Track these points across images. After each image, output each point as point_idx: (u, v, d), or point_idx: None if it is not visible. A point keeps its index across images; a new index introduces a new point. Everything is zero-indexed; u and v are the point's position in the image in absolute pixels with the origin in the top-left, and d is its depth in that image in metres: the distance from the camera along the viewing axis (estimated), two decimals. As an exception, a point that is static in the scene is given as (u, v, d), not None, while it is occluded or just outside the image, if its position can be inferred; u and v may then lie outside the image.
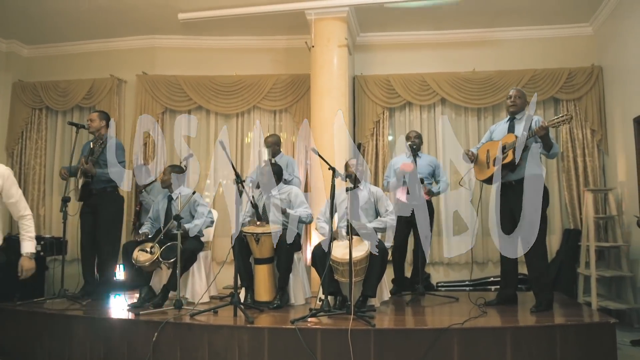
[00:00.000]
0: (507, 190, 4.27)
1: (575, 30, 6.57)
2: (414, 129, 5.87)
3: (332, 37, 6.03)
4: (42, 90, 7.19)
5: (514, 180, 4.17)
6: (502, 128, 4.38)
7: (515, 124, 4.28)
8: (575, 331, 3.45)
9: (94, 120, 5.09)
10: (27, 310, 4.33)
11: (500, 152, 4.17)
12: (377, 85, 6.67)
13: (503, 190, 4.33)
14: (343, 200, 4.60)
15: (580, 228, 6.06)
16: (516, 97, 4.31)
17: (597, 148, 6.26)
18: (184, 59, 7.13)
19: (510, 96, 4.34)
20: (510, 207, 4.23)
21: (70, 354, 3.98)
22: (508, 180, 4.22)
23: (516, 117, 4.32)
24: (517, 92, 4.35)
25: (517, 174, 4.14)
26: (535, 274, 4.18)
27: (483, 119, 6.58)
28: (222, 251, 6.36)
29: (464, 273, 6.40)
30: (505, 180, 4.24)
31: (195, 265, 4.74)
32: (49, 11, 6.32)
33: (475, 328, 3.47)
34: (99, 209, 4.97)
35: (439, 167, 5.42)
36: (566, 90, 6.35)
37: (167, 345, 3.68)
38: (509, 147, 4.10)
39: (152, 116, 6.92)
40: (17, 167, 7.18)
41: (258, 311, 4.16)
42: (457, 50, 6.74)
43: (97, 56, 7.28)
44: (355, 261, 3.93)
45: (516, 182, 4.16)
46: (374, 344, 3.41)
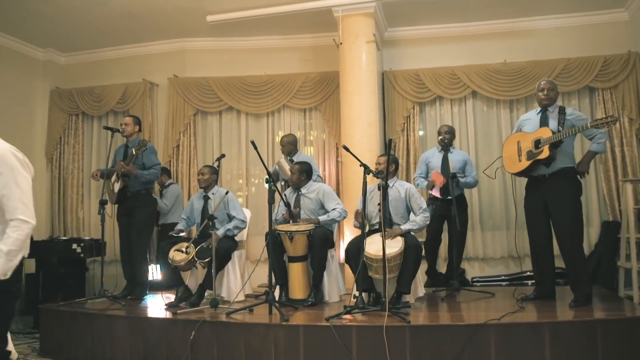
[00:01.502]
0: (539, 183, 4.20)
1: (610, 16, 6.37)
2: (445, 124, 5.80)
3: (360, 33, 6.01)
4: (78, 97, 7.37)
5: (548, 173, 4.10)
6: (534, 121, 4.29)
7: (549, 117, 4.19)
8: (617, 326, 3.37)
9: (129, 124, 5.23)
10: (69, 311, 4.47)
11: (534, 146, 4.10)
12: (407, 80, 6.62)
13: (534, 183, 4.26)
14: (373, 197, 4.59)
15: (619, 220, 5.90)
16: (549, 89, 4.21)
17: (636, 137, 6.08)
18: (214, 60, 7.21)
19: (543, 89, 4.24)
20: (543, 200, 4.16)
21: (112, 353, 4.10)
22: (540, 174, 4.15)
23: (548, 110, 4.23)
24: (548, 84, 4.24)
25: (551, 168, 4.08)
26: (572, 267, 4.09)
27: (515, 111, 6.45)
28: (256, 250, 6.41)
29: (499, 268, 6.32)
30: (538, 173, 4.17)
31: (230, 264, 4.80)
32: (83, 19, 6.48)
33: (513, 323, 3.42)
34: (134, 211, 5.11)
35: (470, 162, 5.36)
36: (601, 78, 6.17)
37: (205, 343, 3.74)
38: (544, 142, 4.02)
39: (184, 118, 7.03)
40: (56, 171, 7.41)
41: (293, 309, 4.19)
42: (487, 41, 6.63)
43: (129, 61, 7.44)
44: (389, 257, 3.92)
45: (549, 176, 4.09)
46: (409, 340, 3.40)
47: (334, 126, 6.64)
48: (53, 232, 7.22)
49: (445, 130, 5.30)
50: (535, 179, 4.24)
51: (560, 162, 4.06)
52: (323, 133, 6.90)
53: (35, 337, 4.91)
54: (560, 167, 4.06)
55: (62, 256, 5.72)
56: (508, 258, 6.31)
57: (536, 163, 4.10)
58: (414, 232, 4.40)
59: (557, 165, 4.06)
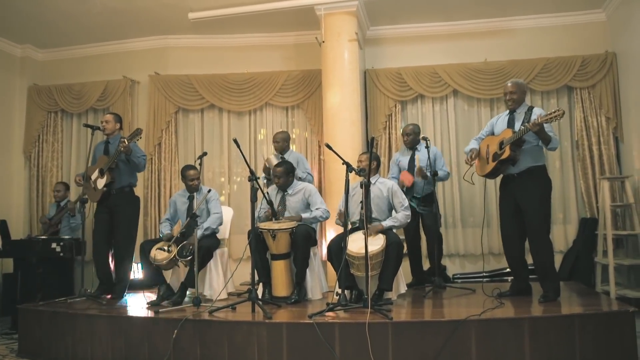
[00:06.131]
0: (509, 182, 4.30)
1: (588, 16, 6.48)
2: (410, 123, 5.72)
3: (342, 31, 6.02)
4: (57, 94, 7.27)
5: (516, 173, 4.20)
6: (502, 122, 4.37)
7: (515, 118, 4.27)
8: (594, 320, 3.43)
9: (109, 121, 5.18)
10: (49, 311, 4.40)
11: (499, 148, 4.17)
12: (389, 79, 6.65)
13: (505, 182, 4.36)
14: (355, 194, 4.62)
15: (597, 217, 6.01)
16: (511, 92, 4.26)
17: (613, 135, 6.20)
18: (196, 58, 7.16)
19: (506, 93, 4.31)
20: (513, 198, 4.25)
21: (93, 353, 4.05)
22: (510, 173, 4.25)
23: (516, 111, 4.30)
24: (512, 86, 4.27)
25: (518, 167, 4.17)
26: (539, 263, 4.19)
27: (496, 110, 6.53)
28: (238, 248, 6.41)
29: (480, 265, 6.38)
30: (507, 173, 4.27)
31: (212, 263, 4.79)
32: (61, 15, 6.39)
33: (493, 319, 3.47)
34: (118, 210, 5.05)
35: (440, 157, 5.41)
36: (580, 78, 6.28)
37: (187, 342, 3.73)
38: (506, 142, 4.10)
39: (166, 116, 6.98)
40: (34, 170, 7.28)
41: (276, 306, 4.20)
42: (468, 41, 6.70)
43: (109, 58, 7.35)
44: (371, 255, 3.94)
45: (518, 175, 4.19)
46: (391, 336, 3.43)
47: (316, 124, 6.65)
48: (32, 231, 7.11)
49: (407, 132, 5.36)
50: (506, 178, 4.35)
51: (528, 161, 4.14)
52: (305, 131, 6.90)
53: (14, 337, 4.84)
54: (528, 166, 4.15)
55: (42, 256, 5.64)
56: (488, 254, 6.39)
57: (501, 163, 4.18)
58: (395, 229, 4.44)
59: (525, 164, 4.15)
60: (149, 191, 6.89)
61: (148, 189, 6.90)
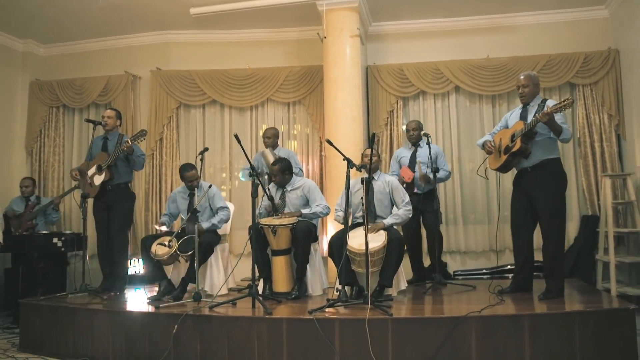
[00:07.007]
0: (522, 176, 4.25)
1: (590, 13, 6.45)
2: (413, 119, 5.73)
3: (344, 27, 6.01)
4: (58, 89, 7.27)
5: (529, 166, 4.14)
6: (516, 115, 4.33)
7: (528, 111, 4.22)
8: (594, 317, 3.43)
9: (111, 117, 5.20)
10: (50, 305, 4.42)
11: (510, 141, 4.15)
12: (391, 75, 6.64)
13: (519, 177, 4.31)
14: (358, 190, 4.62)
15: (598, 214, 6.00)
16: (523, 86, 4.22)
17: (615, 133, 6.18)
18: (197, 53, 7.15)
19: (518, 86, 4.27)
20: (526, 193, 4.20)
21: (94, 348, 4.07)
22: (523, 167, 4.20)
23: (529, 104, 4.26)
24: (524, 79, 4.23)
25: (531, 160, 4.11)
26: (549, 260, 4.14)
27: (498, 106, 6.52)
28: (239, 244, 6.42)
29: (481, 261, 6.40)
30: (520, 167, 4.22)
31: (213, 258, 4.79)
32: (63, 10, 6.38)
33: (493, 316, 3.47)
34: (114, 205, 5.07)
35: (441, 155, 5.40)
36: (582, 74, 6.26)
37: (188, 337, 3.73)
38: (517, 135, 4.07)
39: (167, 111, 6.98)
40: (36, 165, 7.29)
41: (276, 302, 4.20)
42: (470, 37, 6.67)
43: (111, 53, 7.34)
44: (372, 252, 3.95)
45: (531, 169, 4.13)
46: (391, 333, 3.43)
47: (317, 120, 6.65)
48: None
49: (412, 127, 5.36)
50: (520, 173, 4.29)
51: (540, 153, 4.08)
52: (307, 127, 6.90)
53: (15, 332, 4.86)
54: (541, 159, 4.08)
55: (43, 250, 5.65)
56: (489, 251, 6.38)
57: (513, 156, 4.14)
58: (396, 226, 4.43)
59: (538, 157, 4.08)
60: (150, 186, 6.90)
61: (149, 184, 6.90)
